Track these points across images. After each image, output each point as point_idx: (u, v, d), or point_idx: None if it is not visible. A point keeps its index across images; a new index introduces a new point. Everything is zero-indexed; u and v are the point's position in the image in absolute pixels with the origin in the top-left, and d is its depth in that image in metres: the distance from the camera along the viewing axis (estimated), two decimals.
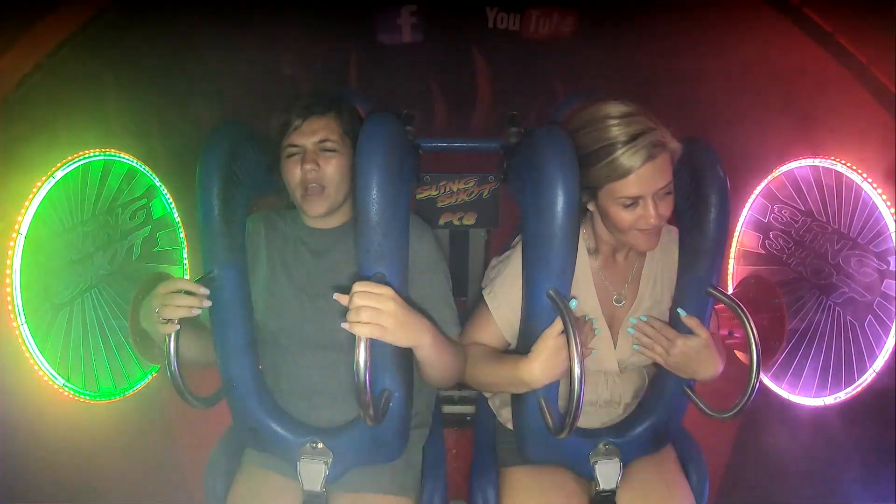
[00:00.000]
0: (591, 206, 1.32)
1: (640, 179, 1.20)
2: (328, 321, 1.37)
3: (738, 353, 1.75)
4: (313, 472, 1.38)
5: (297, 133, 1.34)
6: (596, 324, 1.38)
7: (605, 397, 1.45)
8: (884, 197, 1.34)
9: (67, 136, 1.41)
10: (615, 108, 1.23)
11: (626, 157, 1.19)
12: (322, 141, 1.34)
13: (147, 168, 1.69)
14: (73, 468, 1.40)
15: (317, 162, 1.33)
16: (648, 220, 1.23)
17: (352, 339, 1.09)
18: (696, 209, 1.33)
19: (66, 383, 1.38)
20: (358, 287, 1.10)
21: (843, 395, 1.44)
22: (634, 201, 1.23)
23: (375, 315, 1.09)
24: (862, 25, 1.42)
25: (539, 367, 1.22)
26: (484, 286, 1.44)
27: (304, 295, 1.40)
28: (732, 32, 1.93)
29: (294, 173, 1.34)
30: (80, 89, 1.46)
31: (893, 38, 1.29)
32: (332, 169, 1.34)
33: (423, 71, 2.58)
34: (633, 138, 1.19)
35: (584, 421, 1.46)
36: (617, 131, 1.20)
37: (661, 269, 1.43)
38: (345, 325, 1.08)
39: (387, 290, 1.11)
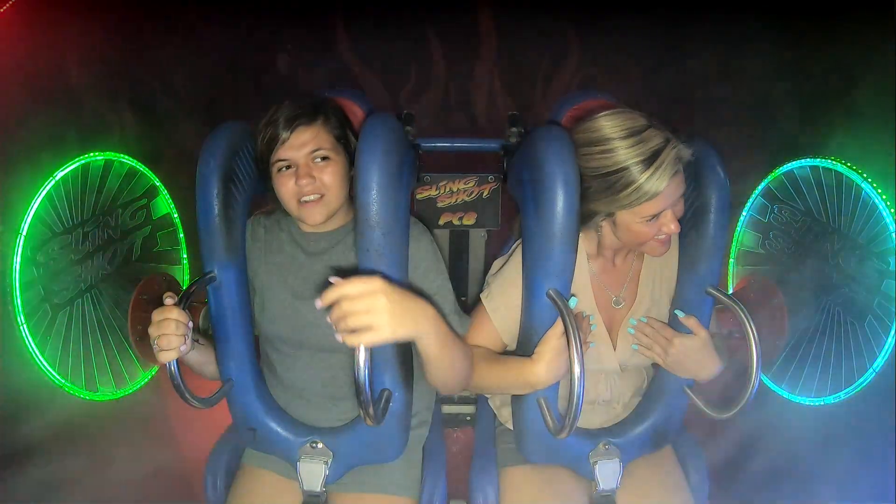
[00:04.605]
0: (603, 222, 1.32)
1: (665, 197, 1.20)
2: (325, 324, 1.36)
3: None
4: (313, 472, 1.38)
5: (285, 147, 1.29)
6: (593, 320, 1.38)
7: (604, 396, 1.45)
8: (884, 197, 1.34)
9: (68, 137, 1.41)
10: (620, 126, 1.20)
11: (652, 182, 1.17)
12: (314, 151, 1.30)
13: (147, 168, 1.69)
14: (73, 468, 1.40)
15: (311, 175, 1.29)
16: (669, 229, 1.24)
17: None
18: (697, 209, 1.33)
19: (66, 383, 1.38)
20: (340, 291, 0.96)
21: (843, 395, 1.44)
22: (656, 216, 1.23)
23: (364, 318, 0.96)
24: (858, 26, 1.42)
25: (544, 369, 1.22)
26: (483, 290, 1.45)
27: (300, 299, 1.40)
28: (733, 30, 1.93)
29: (288, 187, 1.30)
30: (81, 89, 1.46)
31: (891, 38, 1.30)
32: (328, 177, 1.31)
33: (418, 16, 2.32)
34: (652, 159, 1.17)
35: (584, 421, 1.46)
36: (632, 153, 1.18)
37: (659, 269, 1.43)
38: (338, 338, 0.99)
39: (372, 285, 0.96)
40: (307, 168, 1.30)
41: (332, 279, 0.97)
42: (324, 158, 1.31)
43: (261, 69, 2.33)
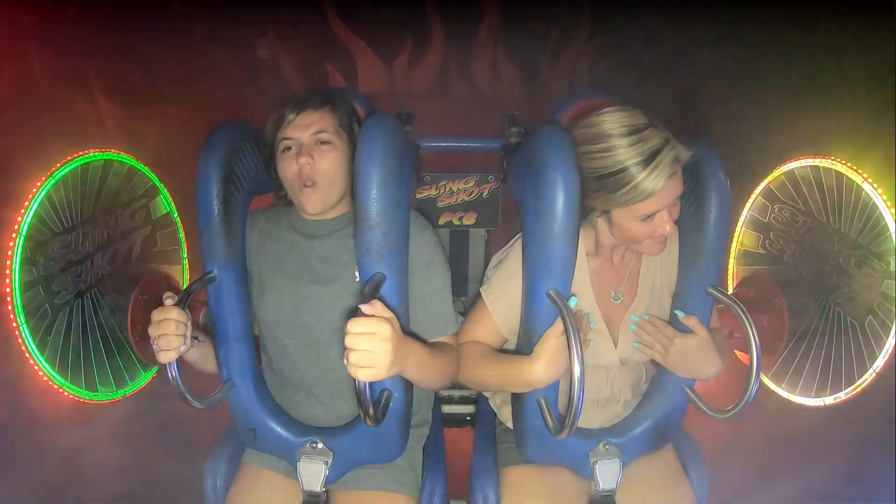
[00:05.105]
0: (599, 218, 1.31)
1: (661, 197, 1.20)
2: (324, 310, 1.37)
3: (738, 354, 1.75)
4: (313, 472, 1.38)
5: (291, 126, 1.34)
6: (593, 317, 1.38)
7: (605, 394, 1.45)
8: (884, 197, 1.34)
9: (68, 136, 1.41)
10: (621, 123, 1.20)
11: (649, 182, 1.17)
12: (317, 133, 1.33)
13: (147, 168, 1.69)
14: (73, 469, 1.40)
15: (312, 155, 1.32)
16: (664, 230, 1.24)
17: None
18: (697, 209, 1.33)
19: (66, 383, 1.38)
20: (353, 328, 1.02)
21: (843, 395, 1.44)
22: (651, 215, 1.23)
23: (365, 357, 1.02)
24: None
25: (542, 367, 1.22)
26: (482, 284, 1.45)
27: (299, 283, 1.40)
28: (733, 30, 1.93)
29: (290, 168, 1.34)
30: (80, 88, 1.46)
31: (891, 38, 1.30)
32: (327, 164, 1.33)
33: None
34: (650, 159, 1.17)
35: (584, 421, 1.45)
36: (631, 153, 1.18)
37: (659, 266, 1.43)
38: (350, 370, 1.03)
39: (381, 331, 1.02)
40: (309, 148, 1.33)
41: (361, 306, 1.04)
42: (326, 143, 1.34)
43: (258, 63, 2.31)
